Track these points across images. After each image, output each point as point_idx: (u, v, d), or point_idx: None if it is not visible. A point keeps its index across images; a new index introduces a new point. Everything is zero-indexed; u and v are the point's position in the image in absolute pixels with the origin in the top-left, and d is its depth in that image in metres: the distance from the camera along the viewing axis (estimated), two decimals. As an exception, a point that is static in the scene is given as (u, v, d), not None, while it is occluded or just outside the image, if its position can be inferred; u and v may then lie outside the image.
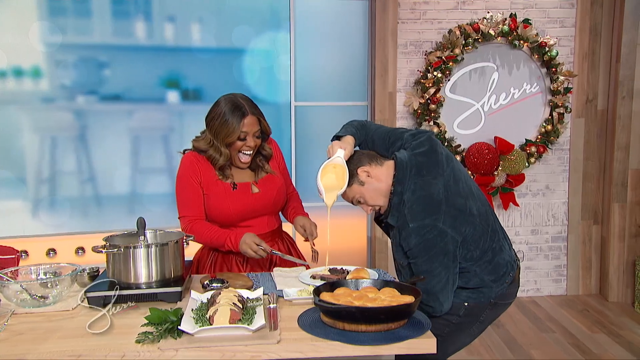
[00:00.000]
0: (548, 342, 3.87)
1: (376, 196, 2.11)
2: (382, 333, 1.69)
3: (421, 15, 4.46)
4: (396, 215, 2.07)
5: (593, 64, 4.62)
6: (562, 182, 4.74)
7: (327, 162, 2.13)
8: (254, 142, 2.40)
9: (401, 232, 2.04)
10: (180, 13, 4.25)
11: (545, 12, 4.58)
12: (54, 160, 4.18)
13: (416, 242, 2.00)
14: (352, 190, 2.12)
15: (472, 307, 2.16)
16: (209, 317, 1.70)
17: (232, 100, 2.39)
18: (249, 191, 2.46)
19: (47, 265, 2.07)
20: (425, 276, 2.00)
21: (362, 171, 2.11)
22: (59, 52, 4.10)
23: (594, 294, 4.81)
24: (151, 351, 1.59)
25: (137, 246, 1.96)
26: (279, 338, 1.65)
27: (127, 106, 4.25)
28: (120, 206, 4.32)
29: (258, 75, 4.40)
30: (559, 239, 4.79)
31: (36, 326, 1.76)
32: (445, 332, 2.16)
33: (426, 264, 2.01)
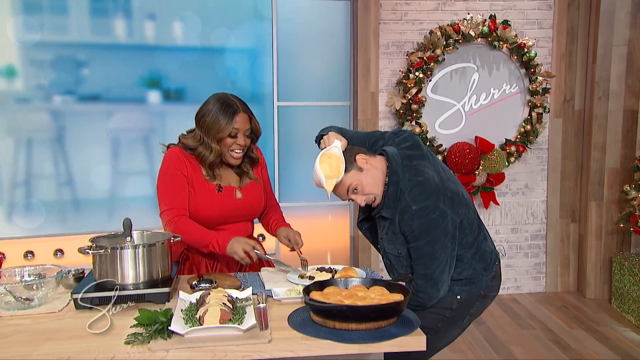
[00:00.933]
0: (528, 338, 3.92)
1: (373, 183, 2.11)
2: (373, 331, 1.70)
3: (402, 16, 4.49)
4: (392, 205, 2.09)
5: (570, 65, 4.70)
6: (541, 181, 4.81)
7: (323, 151, 2.13)
8: (244, 140, 2.39)
9: (402, 216, 2.05)
10: (161, 11, 4.16)
11: (524, 13, 4.65)
12: (30, 163, 4.06)
13: (419, 224, 2.03)
14: (349, 177, 2.10)
15: (464, 299, 2.20)
16: (199, 318, 1.69)
17: (224, 98, 2.39)
18: (232, 196, 2.45)
19: (31, 267, 2.04)
20: (426, 260, 2.04)
21: (361, 158, 2.12)
22: (34, 50, 3.99)
23: (572, 290, 4.89)
24: (141, 352, 1.58)
25: (124, 247, 1.94)
26: (270, 337, 1.65)
27: (106, 107, 4.16)
28: (100, 210, 4.22)
29: (241, 75, 4.37)
30: (538, 237, 4.86)
31: (22, 329, 1.74)
32: (438, 326, 2.20)
33: (428, 246, 2.04)
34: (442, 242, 2.04)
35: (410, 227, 2.04)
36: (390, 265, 2.21)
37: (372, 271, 2.34)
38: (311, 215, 4.56)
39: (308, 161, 4.51)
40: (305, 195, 4.50)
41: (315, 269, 2.27)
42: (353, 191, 2.12)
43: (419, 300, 2.10)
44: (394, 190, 2.09)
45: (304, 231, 2.53)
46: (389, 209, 2.10)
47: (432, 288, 2.08)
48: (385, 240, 2.16)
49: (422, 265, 2.07)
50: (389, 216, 2.11)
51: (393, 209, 2.09)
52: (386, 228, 2.15)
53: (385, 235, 2.16)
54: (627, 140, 4.61)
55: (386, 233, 2.15)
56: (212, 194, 2.41)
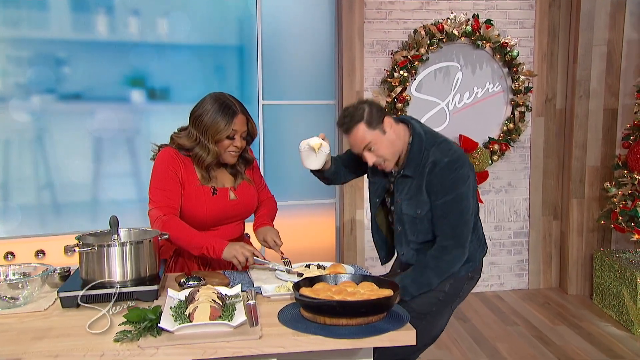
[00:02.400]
0: (513, 335, 3.96)
1: (390, 148, 2.18)
2: (363, 326, 1.70)
3: (387, 15, 4.51)
4: (413, 163, 2.18)
5: (552, 64, 4.75)
6: (524, 179, 4.86)
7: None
8: (241, 142, 2.38)
9: (433, 169, 2.14)
10: (145, 7, 4.07)
11: (506, 13, 4.69)
12: (7, 166, 3.95)
13: (450, 177, 2.13)
14: (371, 135, 2.16)
15: (455, 282, 2.29)
16: (188, 315, 1.68)
17: (221, 98, 2.35)
18: (227, 197, 2.43)
19: (16, 265, 2.01)
20: (454, 217, 2.13)
21: (388, 121, 2.18)
22: (12, 46, 3.89)
23: (554, 287, 4.94)
24: (131, 350, 1.56)
25: (111, 244, 1.92)
26: (260, 334, 1.65)
27: (88, 106, 4.06)
28: (82, 212, 4.11)
29: (226, 74, 4.35)
30: (521, 235, 4.91)
31: (8, 327, 1.72)
32: (433, 310, 2.28)
33: (456, 202, 2.13)
34: (468, 199, 2.14)
35: (441, 180, 2.13)
36: (403, 231, 2.26)
37: (360, 268, 2.35)
38: (297, 214, 4.55)
39: (293, 160, 4.53)
40: (290, 194, 4.49)
41: (304, 266, 2.27)
42: (369, 149, 2.18)
43: (445, 264, 2.17)
44: (417, 149, 2.19)
45: (290, 230, 2.54)
46: (411, 167, 2.19)
47: (458, 249, 2.16)
48: (404, 202, 2.22)
49: (450, 224, 2.14)
50: (411, 174, 2.19)
51: (415, 167, 2.18)
52: (407, 188, 2.21)
53: (405, 196, 2.21)
54: (607, 138, 4.68)
55: (406, 193, 2.21)
56: (207, 196, 2.38)
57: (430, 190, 2.16)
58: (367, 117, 2.16)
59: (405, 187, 2.23)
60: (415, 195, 2.19)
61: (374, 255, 4.48)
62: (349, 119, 2.17)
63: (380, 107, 2.20)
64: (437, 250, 2.17)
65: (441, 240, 2.17)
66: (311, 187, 4.47)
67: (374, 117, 2.16)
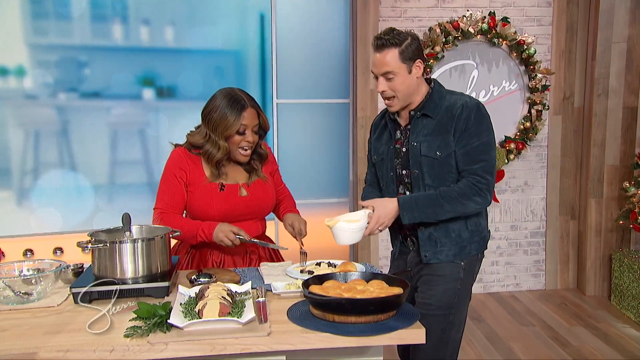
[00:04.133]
0: (528, 335, 3.92)
1: (406, 88, 2.17)
2: (372, 324, 1.69)
3: (402, 13, 4.49)
4: (433, 105, 2.19)
5: (570, 62, 4.69)
6: (541, 178, 4.81)
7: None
8: (253, 137, 2.35)
9: (462, 110, 2.14)
10: (155, 16, 4.40)
11: (523, 10, 4.65)
12: (37, 154, 4.32)
13: (485, 121, 2.16)
14: (398, 65, 2.14)
15: (467, 264, 2.28)
16: (198, 311, 1.69)
17: (230, 93, 2.33)
18: (236, 193, 2.40)
19: (30, 261, 2.04)
20: (491, 161, 2.16)
21: (419, 65, 2.18)
22: (41, 52, 4.26)
23: (571, 288, 4.89)
24: (140, 345, 1.57)
25: (123, 241, 1.94)
26: (269, 330, 1.64)
27: (105, 103, 4.40)
28: (101, 195, 4.42)
29: (234, 73, 4.45)
30: (538, 235, 4.86)
31: (21, 322, 1.73)
32: (455, 301, 2.26)
33: (491, 146, 2.16)
34: (494, 147, 2.20)
35: (475, 122, 2.13)
36: (420, 175, 2.22)
37: (372, 266, 2.34)
38: (310, 212, 4.55)
39: (307, 158, 4.55)
40: (304, 192, 4.51)
41: (315, 264, 2.27)
42: (387, 77, 2.16)
43: (471, 204, 2.16)
44: (438, 95, 2.21)
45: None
46: (430, 108, 2.20)
47: (488, 196, 2.17)
48: (424, 144, 2.19)
49: (485, 168, 2.15)
50: (431, 114, 2.19)
51: (434, 108, 2.19)
52: (426, 129, 2.20)
53: (425, 137, 2.19)
54: (627, 137, 4.61)
55: (425, 134, 2.19)
56: (214, 192, 2.37)
57: (464, 131, 2.14)
58: (404, 46, 2.13)
59: (424, 128, 2.21)
60: (437, 136, 2.17)
61: (387, 254, 4.46)
62: (387, 38, 2.13)
63: (420, 48, 2.19)
64: (467, 187, 2.14)
65: (474, 181, 2.15)
66: (325, 186, 4.55)
67: (411, 51, 2.14)
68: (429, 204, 2.16)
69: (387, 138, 2.36)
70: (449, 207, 2.16)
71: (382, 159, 2.38)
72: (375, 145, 2.43)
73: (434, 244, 2.26)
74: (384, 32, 2.17)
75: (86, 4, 4.25)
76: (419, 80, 2.22)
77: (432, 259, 2.26)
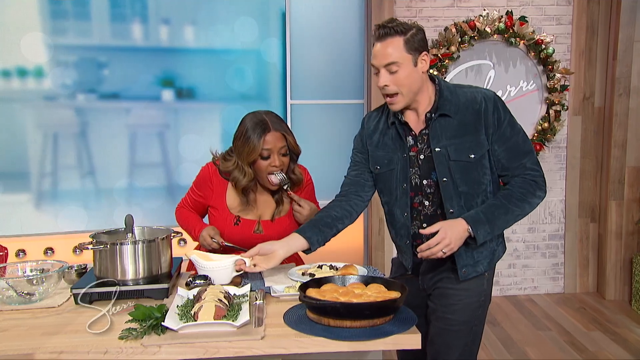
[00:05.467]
0: (544, 339, 3.86)
1: (411, 83, 1.97)
2: (367, 329, 1.68)
3: (417, 12, 4.45)
4: (447, 103, 1.99)
5: (590, 62, 4.60)
6: (559, 180, 4.73)
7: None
8: (279, 160, 2.25)
9: (487, 105, 1.97)
10: (175, 15, 4.36)
11: (542, 9, 4.57)
12: (56, 156, 4.32)
13: (502, 106, 2.00)
14: (403, 55, 1.93)
15: (489, 272, 2.13)
16: (193, 314, 1.69)
17: (256, 116, 2.26)
18: (250, 230, 2.36)
19: (34, 262, 2.07)
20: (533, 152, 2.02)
21: (425, 57, 1.97)
22: (60, 53, 4.24)
23: (591, 292, 4.80)
24: (134, 347, 1.58)
25: (123, 243, 1.95)
26: (263, 334, 1.64)
27: (124, 104, 4.39)
28: (119, 197, 4.43)
29: (253, 74, 4.43)
30: (556, 237, 4.77)
31: (21, 323, 1.76)
32: (478, 313, 2.12)
33: (521, 131, 2.02)
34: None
35: (504, 114, 1.98)
36: (451, 182, 1.99)
37: (375, 269, 2.32)
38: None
39: (322, 159, 4.53)
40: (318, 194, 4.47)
41: (317, 267, 2.26)
42: (390, 69, 1.95)
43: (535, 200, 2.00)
44: (448, 91, 2.02)
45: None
46: (446, 107, 1.99)
47: (544, 186, 2.02)
48: (451, 147, 1.98)
49: (532, 159, 2.00)
50: (451, 113, 1.99)
51: (451, 106, 1.99)
52: (447, 133, 1.99)
53: (450, 140, 1.99)
54: (649, 138, 4.52)
55: (450, 137, 1.99)
56: (229, 223, 2.35)
57: (498, 127, 1.97)
58: (410, 35, 1.93)
59: (445, 130, 1.99)
60: (465, 136, 1.97)
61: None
62: (391, 26, 1.93)
63: (426, 40, 1.99)
64: (527, 184, 1.98)
65: (531, 177, 1.98)
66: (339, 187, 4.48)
67: (416, 41, 1.94)
68: (499, 214, 1.95)
69: (398, 146, 2.08)
70: (518, 211, 1.98)
71: (390, 170, 2.10)
72: (378, 155, 2.14)
73: (471, 256, 2.05)
74: (386, 21, 1.97)
75: (106, 3, 4.25)
76: (425, 77, 2.00)
77: (471, 273, 2.06)
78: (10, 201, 4.27)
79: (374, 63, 1.99)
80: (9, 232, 4.23)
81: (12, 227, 4.25)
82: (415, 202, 2.09)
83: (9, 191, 4.27)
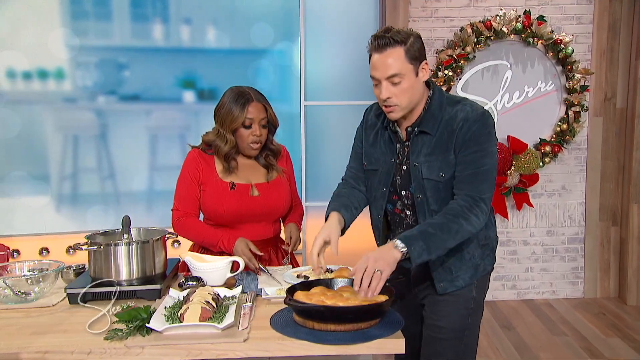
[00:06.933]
0: (559, 345, 3.78)
1: (412, 95, 1.92)
2: (351, 333, 1.67)
3: (432, 13, 4.41)
4: (432, 119, 1.94)
5: (612, 62, 4.50)
6: (579, 182, 4.63)
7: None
8: (260, 131, 2.39)
9: (464, 123, 1.89)
10: (196, 15, 4.33)
11: (561, 8, 4.48)
12: (76, 158, 4.33)
13: (487, 131, 1.91)
14: (405, 66, 1.88)
15: (479, 281, 2.08)
16: (179, 315, 1.71)
17: (238, 89, 2.41)
18: (247, 193, 2.43)
19: (32, 262, 2.11)
20: (490, 174, 1.91)
21: (425, 67, 1.94)
22: (80, 54, 4.23)
23: (612, 297, 4.68)
24: (117, 348, 1.60)
25: (117, 244, 1.98)
26: (246, 336, 1.64)
27: (145, 106, 4.37)
28: (139, 201, 4.43)
29: (270, 75, 4.42)
30: (576, 241, 4.67)
31: (13, 322, 1.79)
32: (469, 322, 2.07)
33: (491, 158, 1.91)
34: (493, 153, 1.93)
35: (477, 132, 1.89)
36: (424, 200, 1.97)
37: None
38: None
39: (335, 161, 4.52)
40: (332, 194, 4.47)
41: (311, 269, 2.25)
42: (392, 81, 1.90)
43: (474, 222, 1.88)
44: (437, 104, 1.95)
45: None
46: (429, 123, 1.95)
47: (485, 210, 1.91)
48: (424, 165, 1.95)
49: (484, 180, 1.91)
50: (429, 130, 1.94)
51: (434, 123, 1.94)
52: (425, 148, 1.96)
53: (425, 157, 1.95)
54: (672, 139, 4.39)
55: (425, 154, 1.95)
56: (225, 191, 2.41)
57: (463, 144, 1.90)
58: (409, 44, 1.88)
59: (423, 146, 1.96)
60: (438, 156, 1.93)
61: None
62: (389, 36, 1.88)
63: (424, 47, 1.94)
64: (467, 204, 1.88)
65: (474, 195, 1.89)
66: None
67: (417, 51, 1.90)
68: (434, 230, 1.85)
69: (388, 149, 2.07)
70: (456, 227, 1.87)
71: (375, 170, 2.11)
72: (370, 152, 2.14)
73: (448, 271, 2.02)
74: (382, 30, 1.93)
75: (127, 3, 4.23)
76: (424, 87, 1.98)
77: (449, 287, 2.03)
78: (29, 205, 4.26)
79: (374, 75, 1.93)
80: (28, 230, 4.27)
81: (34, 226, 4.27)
82: (397, 208, 2.10)
83: (29, 194, 4.26)
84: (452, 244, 1.88)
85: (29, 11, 4.13)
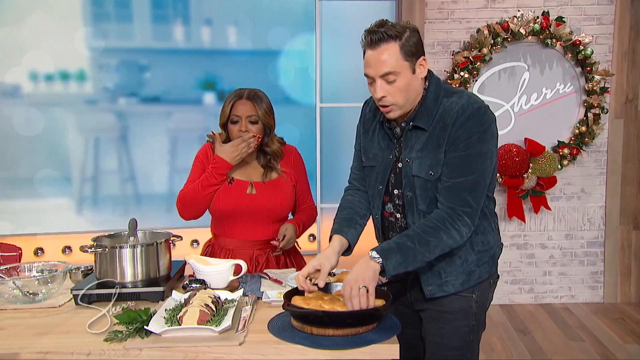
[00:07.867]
0: (575, 350, 3.73)
1: (409, 93, 1.83)
2: (348, 337, 1.68)
3: (449, 14, 4.38)
4: (427, 113, 1.85)
5: (634, 63, 4.42)
6: (599, 185, 4.56)
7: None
8: (246, 127, 2.43)
9: (460, 117, 1.79)
10: (217, 16, 4.35)
11: (581, 9, 4.41)
12: (97, 160, 4.37)
13: (482, 128, 1.80)
14: (401, 63, 1.78)
15: (479, 296, 1.99)
16: (178, 318, 1.73)
17: (241, 89, 2.48)
18: (244, 190, 2.47)
19: (40, 263, 2.16)
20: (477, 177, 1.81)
21: (423, 63, 1.84)
22: (102, 56, 4.27)
23: (633, 302, 4.60)
24: (116, 350, 1.63)
25: (122, 246, 2.02)
26: (242, 340, 1.66)
27: (165, 108, 4.39)
28: (159, 204, 4.46)
29: (289, 77, 4.43)
30: (595, 245, 4.60)
31: (18, 322, 1.84)
32: (470, 339, 2.00)
33: (483, 159, 1.81)
34: (493, 160, 1.84)
35: (469, 128, 1.79)
36: (413, 198, 1.89)
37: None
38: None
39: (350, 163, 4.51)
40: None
41: (315, 273, 2.26)
42: (387, 79, 1.81)
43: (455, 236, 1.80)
44: (433, 96, 1.86)
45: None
46: (423, 118, 1.85)
47: (470, 220, 1.81)
48: (415, 161, 1.87)
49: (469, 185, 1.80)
50: (423, 125, 1.85)
51: (429, 117, 1.84)
52: (417, 144, 1.87)
53: (416, 154, 1.87)
54: (695, 142, 4.29)
55: (417, 150, 1.87)
56: (223, 185, 2.47)
57: (453, 142, 1.80)
58: (405, 39, 1.78)
59: (415, 142, 1.87)
60: (428, 152, 1.84)
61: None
62: (383, 31, 1.77)
63: (421, 42, 1.83)
64: (448, 217, 1.79)
65: (456, 207, 1.80)
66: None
67: (413, 47, 1.79)
68: (412, 243, 1.78)
69: (385, 145, 1.99)
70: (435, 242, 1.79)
71: (372, 167, 2.03)
72: (368, 148, 2.05)
73: (437, 275, 1.93)
74: (376, 24, 1.81)
75: (147, 5, 4.25)
76: (421, 84, 1.86)
77: (438, 292, 1.94)
78: (51, 206, 4.32)
79: (368, 73, 1.84)
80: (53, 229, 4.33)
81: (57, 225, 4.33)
82: (387, 211, 2.02)
83: (50, 196, 4.32)
84: (431, 257, 1.81)
85: (51, 14, 4.17)
